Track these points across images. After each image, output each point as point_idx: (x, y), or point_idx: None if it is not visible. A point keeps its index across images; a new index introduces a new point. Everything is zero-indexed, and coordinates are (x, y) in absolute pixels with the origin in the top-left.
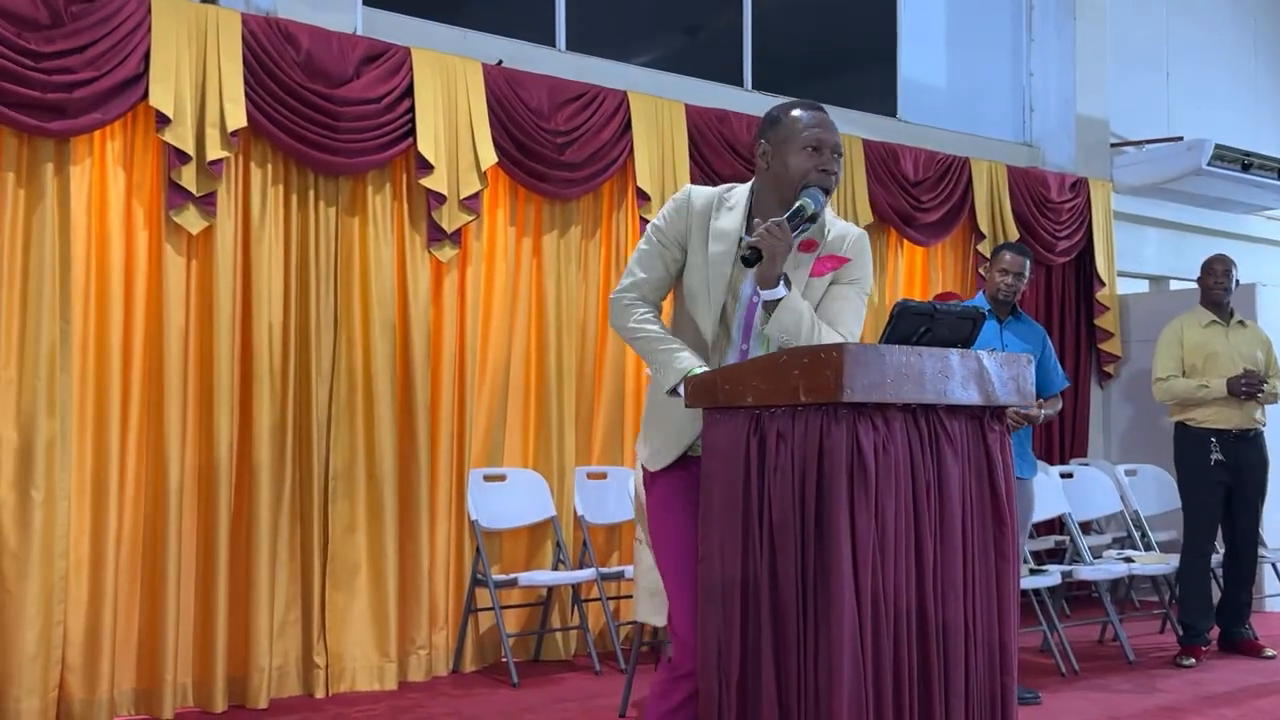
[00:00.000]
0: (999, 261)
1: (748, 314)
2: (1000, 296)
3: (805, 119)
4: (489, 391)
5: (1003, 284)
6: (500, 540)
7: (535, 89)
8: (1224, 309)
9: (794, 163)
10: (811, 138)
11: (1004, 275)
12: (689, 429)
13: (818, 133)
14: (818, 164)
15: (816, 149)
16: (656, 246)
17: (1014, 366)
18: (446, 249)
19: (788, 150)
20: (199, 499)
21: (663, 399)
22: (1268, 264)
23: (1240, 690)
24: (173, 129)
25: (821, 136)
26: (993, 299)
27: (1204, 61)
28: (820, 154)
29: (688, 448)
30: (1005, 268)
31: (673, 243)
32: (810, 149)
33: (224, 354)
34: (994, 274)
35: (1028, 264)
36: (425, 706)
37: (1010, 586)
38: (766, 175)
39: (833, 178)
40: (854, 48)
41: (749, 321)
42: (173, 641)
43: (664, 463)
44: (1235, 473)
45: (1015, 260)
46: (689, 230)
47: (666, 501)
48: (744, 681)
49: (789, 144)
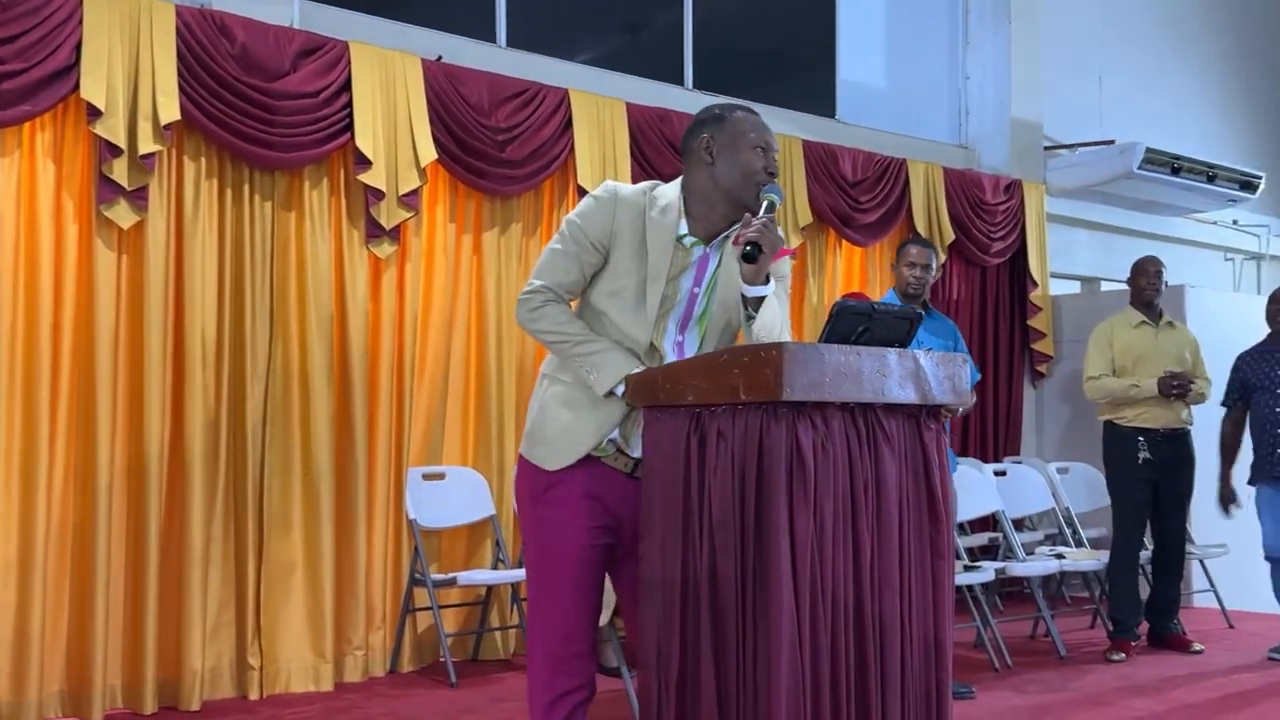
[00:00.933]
0: (905, 256)
1: (687, 307)
2: (909, 291)
3: (751, 120)
4: (428, 389)
5: (910, 277)
6: (439, 539)
7: (475, 85)
8: (1154, 310)
9: (745, 161)
10: (760, 139)
11: (911, 269)
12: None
13: (764, 135)
14: (765, 164)
15: (765, 149)
16: (574, 248)
17: (950, 366)
18: (385, 245)
19: (738, 149)
20: (129, 498)
21: (565, 398)
22: (1196, 266)
23: (1168, 684)
24: (104, 122)
25: (767, 139)
26: (902, 294)
27: (1135, 66)
28: (767, 154)
29: (594, 448)
30: (912, 261)
31: (594, 244)
32: (760, 149)
33: (155, 350)
34: (901, 269)
35: (934, 257)
36: (361, 708)
37: (945, 583)
38: (708, 170)
39: (776, 177)
40: (794, 49)
41: (687, 314)
42: (102, 643)
43: (567, 461)
44: (1163, 471)
45: (921, 253)
46: (615, 229)
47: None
48: (683, 680)
49: (739, 143)
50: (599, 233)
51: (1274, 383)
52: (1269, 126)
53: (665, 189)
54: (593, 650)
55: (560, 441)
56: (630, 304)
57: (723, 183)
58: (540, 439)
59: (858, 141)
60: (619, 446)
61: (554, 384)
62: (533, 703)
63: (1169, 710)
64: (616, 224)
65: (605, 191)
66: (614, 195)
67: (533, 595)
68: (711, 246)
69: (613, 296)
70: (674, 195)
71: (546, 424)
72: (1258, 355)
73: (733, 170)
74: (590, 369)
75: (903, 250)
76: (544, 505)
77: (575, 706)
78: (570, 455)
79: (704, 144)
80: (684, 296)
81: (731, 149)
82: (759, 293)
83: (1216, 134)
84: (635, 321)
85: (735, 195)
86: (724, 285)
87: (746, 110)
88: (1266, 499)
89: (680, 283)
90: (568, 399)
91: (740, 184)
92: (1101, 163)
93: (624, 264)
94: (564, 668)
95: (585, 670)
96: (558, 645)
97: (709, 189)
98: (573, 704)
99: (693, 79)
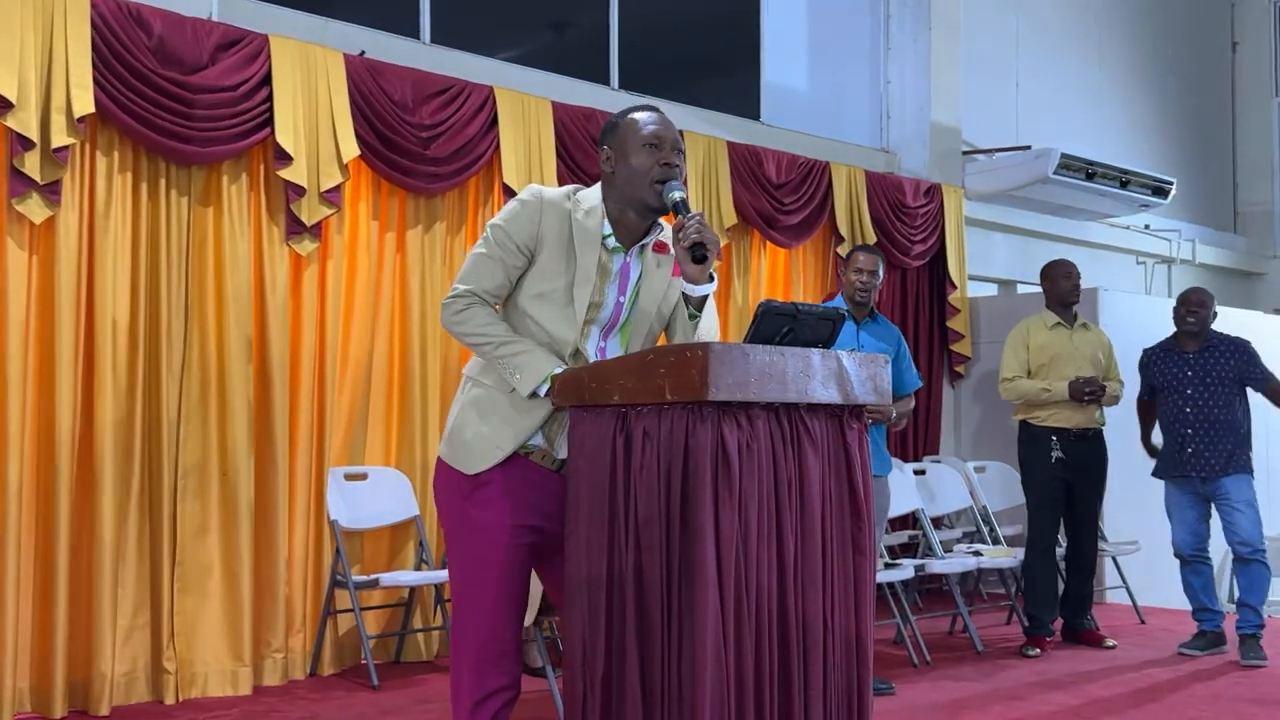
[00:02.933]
0: (853, 262)
1: (612, 315)
2: (857, 298)
3: (643, 119)
4: (350, 388)
5: (858, 283)
6: (361, 540)
7: (399, 81)
8: (1069, 311)
9: (636, 161)
10: (650, 135)
11: (859, 275)
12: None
13: (656, 129)
14: (659, 159)
15: (656, 145)
16: (498, 252)
17: (871, 366)
18: (306, 242)
19: (629, 150)
20: (38, 498)
21: (485, 401)
22: (1109, 270)
23: (1082, 679)
24: (15, 114)
25: (660, 133)
26: (850, 300)
27: (1052, 73)
28: (660, 149)
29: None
30: (860, 267)
31: (519, 248)
32: (650, 146)
33: (66, 348)
34: (849, 275)
35: (880, 264)
36: (280, 711)
37: (867, 581)
38: (613, 180)
39: (675, 170)
40: (719, 51)
41: (611, 323)
42: (11, 644)
43: (485, 465)
44: (1075, 470)
45: (869, 260)
46: (541, 232)
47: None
48: (608, 680)
49: (629, 144)
50: (524, 236)
51: (1181, 383)
52: (1180, 134)
53: (587, 193)
54: (518, 650)
55: (477, 446)
56: (558, 305)
57: (624, 190)
58: (459, 442)
59: (781, 144)
60: (543, 450)
61: (475, 387)
62: (457, 703)
63: (1084, 704)
64: (543, 227)
65: (530, 195)
66: (539, 198)
67: (457, 596)
68: (632, 255)
69: (539, 299)
70: (596, 201)
71: (465, 427)
72: (1163, 355)
73: (629, 175)
74: (514, 370)
75: (850, 257)
76: (468, 504)
77: (501, 707)
78: (487, 460)
79: (605, 157)
80: (610, 305)
81: (624, 155)
82: (705, 290)
83: (1130, 141)
84: (562, 322)
85: (638, 199)
86: (645, 294)
87: (641, 110)
88: (1174, 499)
89: (606, 291)
90: (488, 403)
91: (638, 187)
92: (1018, 168)
93: (550, 266)
94: (490, 667)
95: (511, 670)
96: (483, 645)
97: (618, 198)
98: (499, 704)
99: (618, 79)
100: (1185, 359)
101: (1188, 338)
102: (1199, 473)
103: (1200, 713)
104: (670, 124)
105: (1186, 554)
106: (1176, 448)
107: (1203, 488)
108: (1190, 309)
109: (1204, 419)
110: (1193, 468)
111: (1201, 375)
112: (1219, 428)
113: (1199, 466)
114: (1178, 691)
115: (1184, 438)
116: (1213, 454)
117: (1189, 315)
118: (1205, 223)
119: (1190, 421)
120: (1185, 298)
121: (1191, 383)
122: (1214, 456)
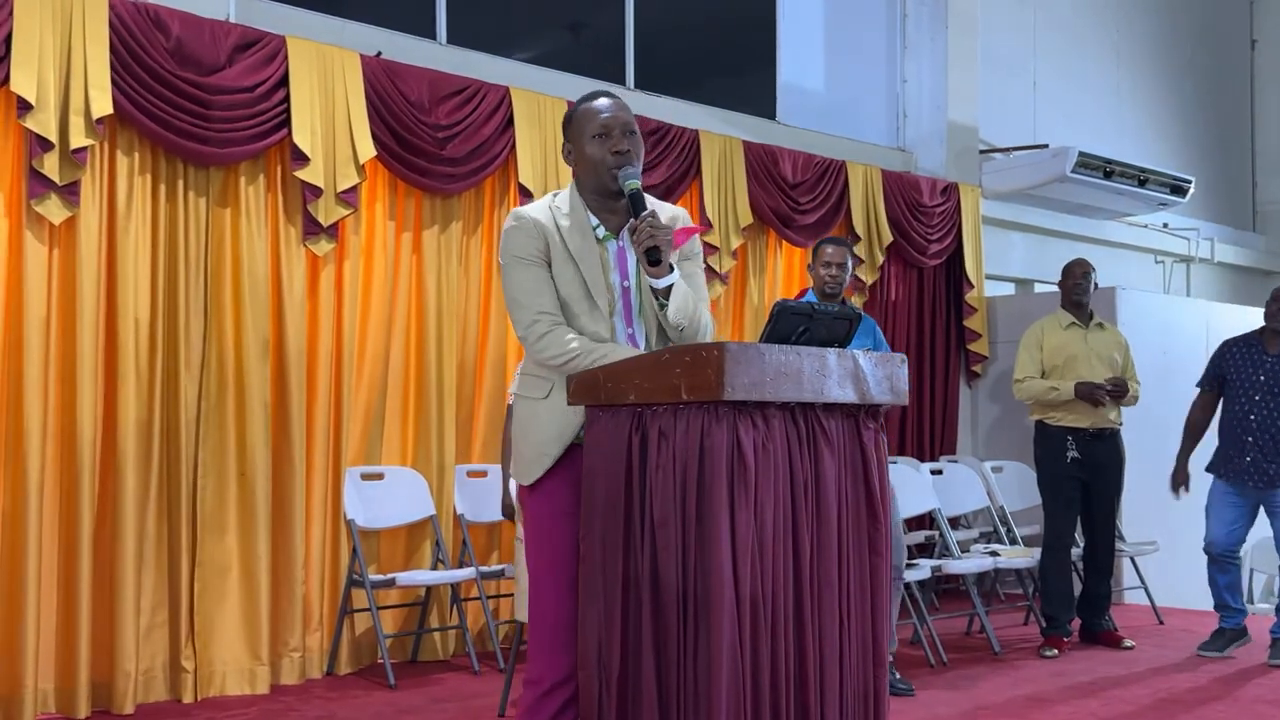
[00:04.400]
0: (821, 255)
1: (624, 301)
2: (826, 290)
3: (593, 107)
4: (367, 388)
5: (826, 276)
6: (378, 540)
7: (415, 82)
8: (1084, 311)
9: (589, 152)
10: (598, 124)
11: (827, 268)
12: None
13: (604, 117)
14: (610, 146)
15: (605, 134)
16: (530, 273)
17: (888, 366)
18: (323, 243)
19: (582, 142)
20: (60, 498)
21: (527, 415)
22: (1127, 269)
23: (1100, 680)
24: (35, 115)
25: (608, 120)
26: (820, 293)
27: (1070, 72)
28: (610, 136)
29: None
30: (828, 260)
31: (538, 258)
32: (599, 135)
33: (87, 348)
34: (817, 268)
35: (849, 256)
36: (298, 710)
37: (883, 581)
38: (576, 172)
39: (629, 154)
40: (735, 50)
41: (627, 309)
42: (33, 646)
43: (538, 473)
44: (1092, 470)
45: (837, 252)
46: (547, 246)
47: (542, 521)
48: (624, 679)
49: (582, 136)
50: (535, 249)
51: (1253, 386)
52: (1199, 132)
53: (563, 194)
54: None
55: (529, 455)
56: (585, 308)
57: (589, 180)
58: (518, 458)
59: (797, 143)
60: None
61: (518, 401)
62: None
63: (1102, 705)
64: (546, 239)
65: (514, 219)
66: (524, 217)
67: (533, 591)
68: (623, 239)
69: (565, 307)
70: (575, 198)
71: (519, 442)
72: (1242, 348)
73: (587, 166)
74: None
75: (818, 250)
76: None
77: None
78: (539, 468)
79: (566, 151)
80: (619, 292)
81: (580, 145)
82: (666, 283)
83: (1148, 139)
84: (593, 320)
85: (604, 187)
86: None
87: (593, 98)
88: (1220, 496)
89: (612, 280)
90: (528, 415)
91: (598, 176)
92: (1036, 167)
93: (563, 273)
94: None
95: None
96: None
97: (588, 189)
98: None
99: (634, 79)
100: (1264, 360)
101: (1274, 336)
102: (1256, 482)
103: (1219, 714)
104: (621, 107)
105: (1218, 552)
106: (1236, 452)
107: (1257, 495)
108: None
109: (1268, 428)
110: (1250, 476)
111: (1273, 382)
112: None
113: (1257, 476)
114: (1196, 692)
115: (1244, 445)
116: (1272, 465)
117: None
118: (1224, 221)
119: (1253, 429)
120: (1278, 294)
121: (1262, 388)
122: (1272, 467)
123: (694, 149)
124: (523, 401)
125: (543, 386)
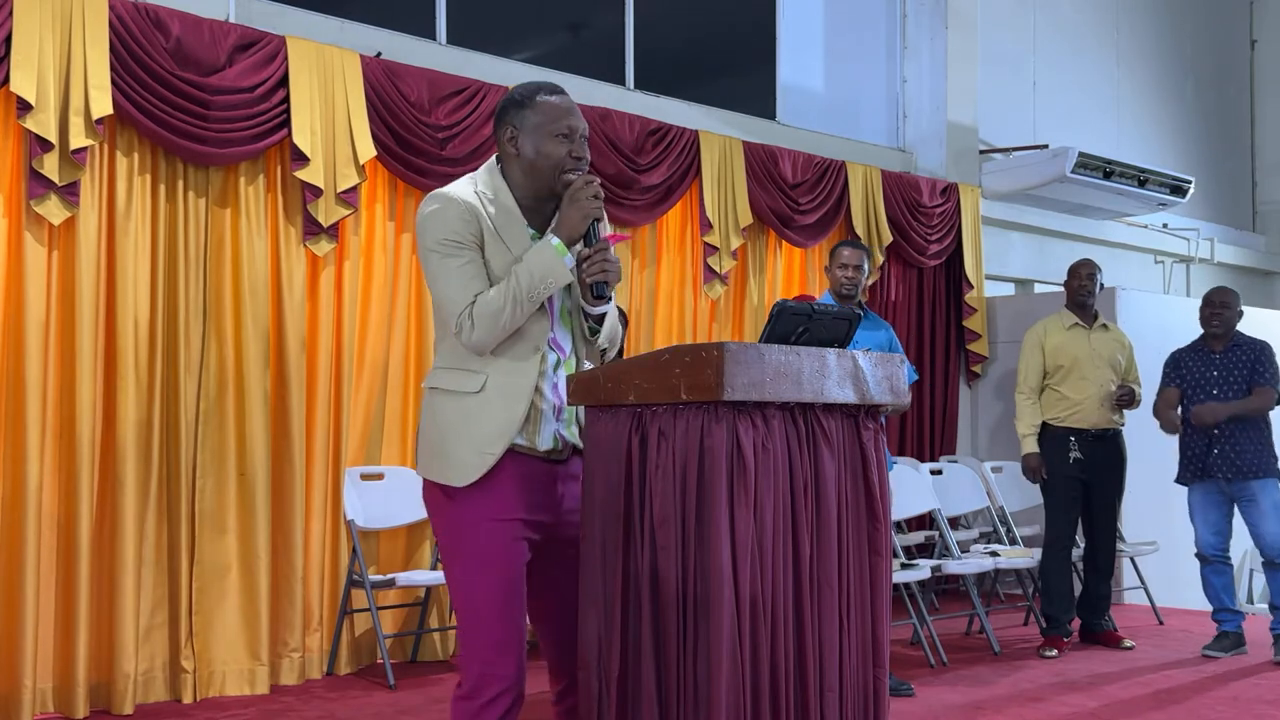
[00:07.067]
0: (837, 258)
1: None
2: (843, 291)
3: (556, 104)
4: (367, 388)
5: (843, 278)
6: (377, 540)
7: (415, 82)
8: (1088, 312)
9: (548, 149)
10: (564, 125)
11: (843, 270)
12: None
13: (570, 120)
14: (571, 150)
15: (568, 136)
16: (466, 252)
17: (888, 366)
18: (323, 243)
19: (540, 136)
20: (59, 498)
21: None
22: (1127, 269)
23: (1100, 680)
24: (34, 116)
25: (573, 124)
26: (836, 295)
27: (1069, 72)
28: (572, 140)
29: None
30: (844, 262)
31: (472, 238)
32: (563, 136)
33: (86, 348)
34: (834, 270)
35: (865, 259)
36: (298, 710)
37: (883, 581)
38: (515, 160)
39: (584, 162)
40: (734, 50)
41: (551, 313)
42: (32, 645)
43: (476, 474)
44: (1093, 470)
45: (854, 254)
46: (480, 229)
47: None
48: (624, 679)
49: (541, 130)
50: (469, 231)
51: (1208, 383)
52: (1199, 132)
53: (483, 180)
54: (524, 650)
55: (462, 456)
56: None
57: (529, 174)
58: (441, 456)
59: (797, 143)
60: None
61: (439, 395)
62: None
63: (1101, 705)
64: (480, 224)
65: (439, 200)
66: (450, 197)
67: (462, 603)
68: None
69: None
70: (501, 185)
71: (444, 439)
72: (1191, 353)
73: (536, 160)
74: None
75: (835, 252)
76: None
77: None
78: (477, 470)
79: (508, 135)
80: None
81: (535, 137)
82: (601, 311)
83: (1148, 139)
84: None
85: (545, 186)
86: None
87: (552, 92)
88: (1198, 500)
89: None
90: (458, 410)
91: (544, 174)
92: (1035, 167)
93: (495, 254)
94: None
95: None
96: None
97: (525, 182)
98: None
99: (634, 79)
100: (1212, 359)
101: (1214, 338)
102: (1224, 474)
103: (1219, 714)
104: (578, 111)
105: (1210, 554)
106: (1203, 448)
107: (1228, 488)
108: (1214, 310)
109: (1230, 420)
110: (1218, 469)
111: (1226, 375)
112: (1245, 428)
113: (1225, 468)
114: (1196, 692)
115: (1210, 438)
116: (1239, 455)
117: (1213, 317)
118: (1224, 221)
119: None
120: (1209, 299)
121: (1218, 383)
122: (1240, 458)
123: (694, 149)
124: (448, 397)
125: (474, 380)
